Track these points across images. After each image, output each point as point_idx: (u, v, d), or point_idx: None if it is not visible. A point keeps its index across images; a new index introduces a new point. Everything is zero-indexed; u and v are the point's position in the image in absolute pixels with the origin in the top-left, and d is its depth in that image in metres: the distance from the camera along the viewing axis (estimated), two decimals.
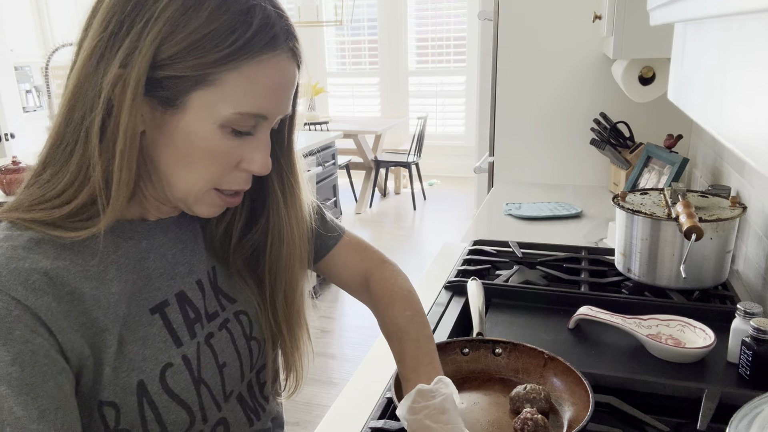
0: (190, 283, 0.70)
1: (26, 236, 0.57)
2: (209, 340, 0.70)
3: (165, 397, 0.63)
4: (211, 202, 0.65)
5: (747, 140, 0.39)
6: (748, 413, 0.61)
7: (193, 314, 0.69)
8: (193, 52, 0.56)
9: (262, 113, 0.61)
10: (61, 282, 0.56)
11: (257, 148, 0.64)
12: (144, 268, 0.65)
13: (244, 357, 0.74)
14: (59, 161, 0.59)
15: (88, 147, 0.57)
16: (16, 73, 4.05)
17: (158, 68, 0.56)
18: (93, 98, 0.57)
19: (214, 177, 0.63)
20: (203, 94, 0.58)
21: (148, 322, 0.64)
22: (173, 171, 0.62)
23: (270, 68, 0.60)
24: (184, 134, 0.59)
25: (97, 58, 0.57)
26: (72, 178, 0.58)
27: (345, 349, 2.91)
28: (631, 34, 1.39)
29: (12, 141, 3.92)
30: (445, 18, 6.28)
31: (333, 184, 3.62)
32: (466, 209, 5.34)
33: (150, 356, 0.63)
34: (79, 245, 0.59)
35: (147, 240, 0.66)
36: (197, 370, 0.67)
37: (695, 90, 0.57)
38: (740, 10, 0.37)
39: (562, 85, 2.16)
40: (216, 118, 0.59)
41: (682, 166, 1.67)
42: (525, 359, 0.89)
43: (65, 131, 0.58)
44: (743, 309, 0.94)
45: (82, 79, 0.57)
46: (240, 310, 0.75)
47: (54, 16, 4.31)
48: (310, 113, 5.18)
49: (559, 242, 1.58)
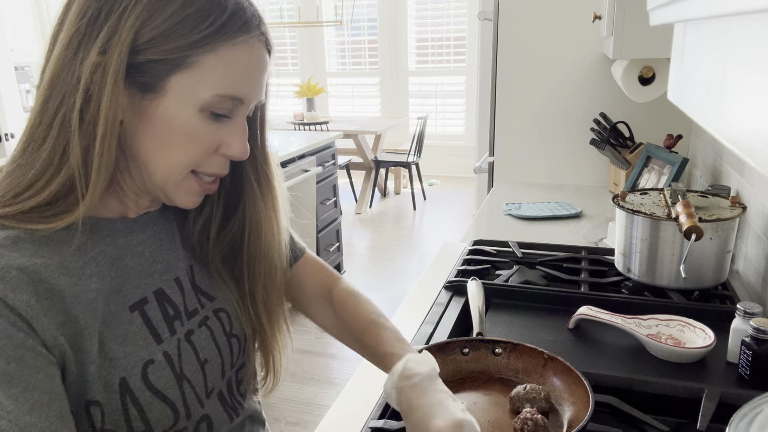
0: (168, 280, 0.70)
1: (2, 235, 0.56)
2: (189, 337, 0.70)
3: (148, 394, 0.63)
4: (190, 190, 0.66)
5: (747, 140, 0.40)
6: (748, 413, 0.61)
7: (173, 311, 0.69)
8: (171, 36, 0.58)
9: (239, 96, 0.63)
10: (40, 279, 0.56)
11: (235, 131, 0.65)
12: (122, 266, 0.65)
13: (224, 354, 0.74)
14: (34, 153, 0.59)
15: (63, 133, 0.58)
16: (16, 73, 4.05)
17: (137, 53, 0.58)
18: (71, 85, 0.57)
19: (193, 161, 0.64)
20: (182, 77, 0.59)
21: (127, 320, 0.64)
22: (153, 157, 0.62)
23: (245, 51, 0.62)
24: (164, 119, 0.60)
25: (74, 48, 0.57)
26: (44, 166, 0.58)
27: (345, 349, 2.90)
28: (631, 34, 1.39)
29: (12, 141, 3.92)
30: (445, 18, 6.28)
31: (333, 184, 3.62)
32: (466, 209, 5.34)
33: (131, 353, 0.63)
34: (57, 242, 0.59)
35: (124, 237, 0.66)
36: (179, 367, 0.67)
37: (695, 90, 0.57)
38: (740, 10, 0.37)
39: (562, 85, 2.16)
40: (195, 101, 0.60)
41: (682, 166, 1.67)
42: (525, 359, 0.89)
43: (41, 120, 0.59)
44: (743, 309, 0.94)
45: (59, 69, 0.58)
46: (219, 308, 0.75)
47: (54, 16, 4.31)
48: (310, 113, 5.18)
49: (559, 242, 1.58)
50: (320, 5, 6.49)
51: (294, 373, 2.72)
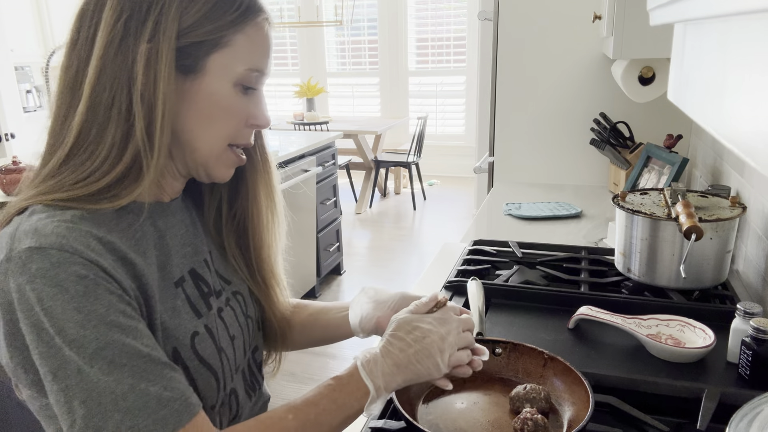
0: (199, 261, 0.77)
1: (69, 213, 0.61)
2: (220, 314, 0.77)
3: (197, 362, 0.69)
4: (227, 162, 0.74)
5: (747, 140, 0.40)
6: (748, 413, 0.61)
7: (206, 288, 0.76)
8: (209, 18, 0.66)
9: (261, 68, 0.72)
10: (114, 248, 0.62)
11: (259, 102, 0.74)
12: (164, 245, 0.71)
13: (245, 332, 0.82)
14: (92, 143, 0.64)
15: (122, 120, 0.64)
16: (16, 73, 4.05)
17: (181, 37, 0.65)
18: (124, 76, 0.64)
19: (231, 133, 0.72)
20: (218, 56, 0.68)
21: (173, 296, 0.70)
22: (197, 134, 0.70)
23: (262, 29, 0.71)
24: (206, 95, 0.68)
25: (118, 42, 0.64)
26: (108, 152, 0.64)
27: (345, 349, 2.91)
28: (631, 34, 1.39)
29: (12, 141, 3.92)
30: (445, 18, 6.28)
31: (333, 184, 3.62)
32: (466, 209, 5.34)
33: (180, 325, 0.69)
34: (114, 220, 0.65)
35: (162, 220, 0.73)
36: (218, 339, 0.74)
37: (695, 90, 0.57)
38: (740, 10, 0.37)
39: (561, 85, 2.16)
40: (231, 76, 0.69)
41: (682, 166, 1.67)
42: (525, 359, 0.89)
43: (94, 116, 0.64)
44: (743, 309, 0.94)
45: (106, 65, 0.64)
46: (236, 291, 0.82)
47: (54, 16, 4.31)
48: (310, 113, 5.18)
49: (559, 242, 1.58)
50: (320, 5, 6.49)
51: (294, 373, 2.72)
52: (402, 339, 0.73)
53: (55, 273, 0.57)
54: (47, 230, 0.59)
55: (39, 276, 0.57)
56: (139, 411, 0.57)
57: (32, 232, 0.59)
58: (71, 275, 0.57)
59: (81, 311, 0.57)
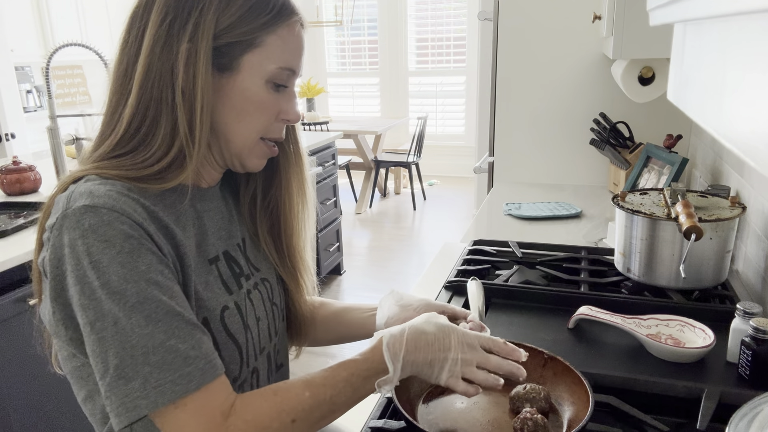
0: (232, 245, 0.83)
1: (119, 184, 0.67)
2: (249, 295, 0.82)
3: (224, 335, 0.74)
4: (260, 153, 0.79)
5: (747, 140, 0.40)
6: (748, 413, 0.61)
7: (238, 269, 0.82)
8: (244, 20, 0.71)
9: (293, 67, 0.76)
10: (157, 218, 0.67)
11: (290, 99, 0.79)
12: (202, 225, 0.77)
13: (270, 318, 0.86)
14: (145, 134, 0.70)
15: (168, 113, 0.70)
16: (17, 73, 4.05)
17: (217, 38, 0.71)
18: (168, 73, 0.70)
19: (263, 127, 0.77)
20: (251, 56, 0.72)
21: (207, 271, 0.76)
22: (231, 127, 0.75)
23: (294, 30, 0.75)
24: (240, 91, 0.73)
25: (163, 41, 0.69)
26: (161, 142, 0.70)
27: (345, 349, 2.90)
28: (631, 34, 1.39)
29: (12, 141, 3.92)
30: (445, 18, 6.28)
31: (333, 184, 3.62)
32: (466, 209, 5.34)
33: (212, 298, 0.74)
34: (161, 196, 0.70)
35: (200, 203, 0.78)
36: (246, 316, 0.79)
37: (695, 90, 0.57)
38: (740, 10, 0.37)
39: (561, 85, 2.16)
40: (263, 74, 0.73)
41: (682, 166, 1.67)
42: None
43: (145, 109, 0.70)
44: (743, 309, 0.94)
45: (153, 62, 0.69)
46: (264, 278, 0.87)
47: (54, 16, 4.31)
48: (311, 113, 5.18)
49: (559, 242, 1.58)
50: (320, 5, 6.49)
51: (294, 373, 2.71)
52: (427, 333, 0.74)
53: (105, 230, 0.62)
54: (100, 192, 0.64)
55: (91, 231, 0.62)
56: (168, 366, 0.61)
57: (87, 194, 0.64)
58: (120, 233, 0.62)
59: (125, 266, 0.62)
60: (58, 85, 4.54)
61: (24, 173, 2.20)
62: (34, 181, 2.22)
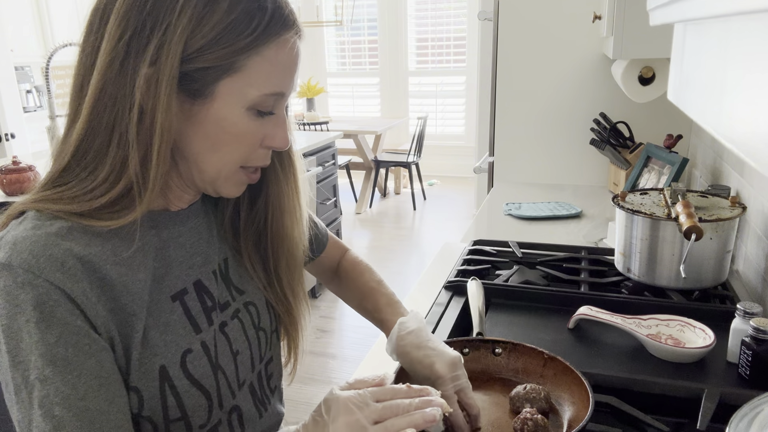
0: (207, 272, 0.73)
1: (57, 225, 0.60)
2: (223, 329, 0.73)
3: (186, 383, 0.66)
4: (237, 181, 0.69)
5: (747, 140, 0.40)
6: (748, 413, 0.61)
7: (210, 302, 0.72)
8: (219, 43, 0.59)
9: (281, 91, 0.65)
10: (93, 268, 0.59)
11: (278, 124, 0.68)
12: (165, 257, 0.68)
13: (254, 346, 0.78)
14: (92, 162, 0.62)
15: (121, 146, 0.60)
16: (17, 73, 4.05)
17: (187, 62, 0.59)
18: (124, 100, 0.59)
19: (242, 157, 0.67)
20: (230, 81, 0.61)
21: (169, 309, 0.67)
22: (204, 157, 0.65)
23: (286, 48, 0.64)
24: (215, 121, 0.63)
25: (120, 61, 0.59)
26: (107, 174, 0.61)
27: (345, 349, 2.91)
28: (631, 34, 1.39)
29: (12, 141, 3.92)
30: (445, 18, 6.28)
31: (333, 184, 3.62)
32: (466, 209, 5.34)
33: (171, 342, 0.65)
34: (107, 233, 0.62)
35: (167, 230, 0.69)
36: (215, 357, 0.70)
37: (695, 90, 0.57)
38: (740, 10, 0.37)
39: (561, 85, 2.16)
40: (243, 102, 0.63)
41: (682, 166, 1.67)
42: (525, 359, 0.89)
43: (94, 135, 0.61)
44: (743, 309, 0.94)
45: (107, 83, 0.59)
46: (249, 301, 0.78)
47: (54, 16, 4.31)
48: (310, 113, 5.18)
49: (559, 242, 1.58)
50: (320, 5, 6.49)
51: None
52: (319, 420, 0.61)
53: (18, 293, 0.56)
54: (27, 242, 0.57)
55: (5, 293, 0.56)
56: None
57: (11, 245, 0.58)
58: (31, 299, 0.56)
59: (32, 335, 0.56)
60: (58, 85, 4.53)
61: (24, 173, 2.20)
62: (33, 181, 2.22)
